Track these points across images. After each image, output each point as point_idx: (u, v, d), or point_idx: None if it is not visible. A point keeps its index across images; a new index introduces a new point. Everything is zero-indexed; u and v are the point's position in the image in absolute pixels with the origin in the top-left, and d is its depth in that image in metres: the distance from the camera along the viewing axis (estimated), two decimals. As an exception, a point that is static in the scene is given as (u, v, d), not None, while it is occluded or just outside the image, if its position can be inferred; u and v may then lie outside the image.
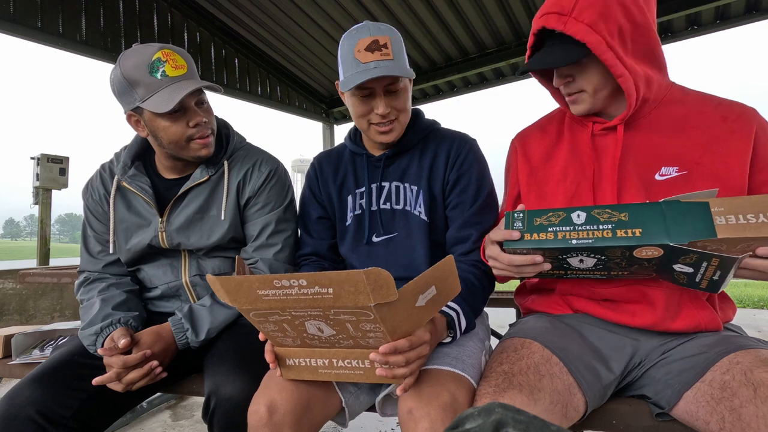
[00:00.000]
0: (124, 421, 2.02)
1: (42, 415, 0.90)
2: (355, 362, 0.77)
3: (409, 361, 0.73)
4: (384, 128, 1.02)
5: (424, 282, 0.69)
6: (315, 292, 0.64)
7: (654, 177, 0.86)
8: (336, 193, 1.15)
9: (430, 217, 1.07)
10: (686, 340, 0.86)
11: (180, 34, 4.23)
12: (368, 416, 1.06)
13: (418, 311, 0.72)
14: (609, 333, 0.92)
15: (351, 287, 0.62)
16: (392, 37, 0.98)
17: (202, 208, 1.13)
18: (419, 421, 0.73)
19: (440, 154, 1.09)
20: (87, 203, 1.21)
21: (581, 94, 0.89)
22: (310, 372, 0.81)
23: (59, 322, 1.78)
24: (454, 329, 0.88)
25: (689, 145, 0.85)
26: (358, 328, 0.69)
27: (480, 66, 4.51)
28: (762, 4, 3.44)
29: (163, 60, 1.00)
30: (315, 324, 0.71)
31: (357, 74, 0.95)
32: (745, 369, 0.72)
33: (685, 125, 0.87)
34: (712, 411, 0.72)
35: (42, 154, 4.19)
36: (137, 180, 1.14)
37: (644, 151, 0.88)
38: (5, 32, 3.16)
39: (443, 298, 0.75)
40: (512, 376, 0.77)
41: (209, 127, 1.10)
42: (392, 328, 0.69)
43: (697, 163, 0.84)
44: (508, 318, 1.89)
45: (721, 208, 0.67)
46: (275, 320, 0.73)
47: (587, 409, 0.81)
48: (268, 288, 0.66)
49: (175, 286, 1.18)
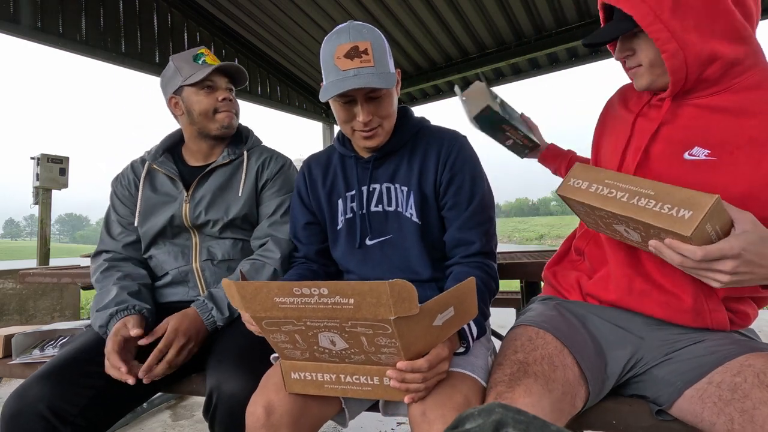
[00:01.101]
0: (124, 421, 2.02)
1: (52, 412, 0.90)
2: (364, 378, 0.76)
3: (427, 379, 0.73)
4: (367, 134, 1.00)
5: (445, 301, 0.68)
6: (335, 302, 0.63)
7: (683, 156, 0.82)
8: (326, 197, 1.13)
9: (422, 219, 1.05)
10: (695, 342, 0.85)
11: (180, 34, 4.23)
12: (368, 416, 1.06)
13: (434, 331, 0.71)
14: (614, 327, 0.91)
15: (373, 299, 0.61)
16: (373, 41, 0.95)
17: (222, 185, 1.29)
18: (434, 423, 0.73)
19: (430, 154, 1.06)
20: (115, 189, 1.36)
21: (639, 68, 0.87)
22: (316, 387, 0.79)
23: (59, 322, 1.78)
24: (467, 340, 0.86)
25: (736, 133, 0.78)
26: (373, 343, 0.68)
27: (480, 66, 4.51)
28: (762, 4, 3.44)
29: (204, 54, 1.29)
30: (329, 336, 0.70)
31: (336, 82, 0.93)
32: (758, 371, 0.71)
33: (744, 112, 0.79)
34: (719, 412, 0.71)
35: (42, 154, 4.18)
36: (165, 164, 1.31)
37: (684, 128, 0.84)
38: (5, 32, 3.16)
39: (459, 320, 0.74)
40: (527, 365, 0.78)
41: (234, 107, 1.32)
42: (407, 345, 0.68)
43: (731, 153, 0.78)
44: (508, 318, 1.89)
45: (651, 191, 0.71)
46: (287, 330, 0.71)
47: (587, 401, 0.82)
48: (287, 295, 0.65)
49: (184, 271, 1.25)
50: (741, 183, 0.77)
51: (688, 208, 0.66)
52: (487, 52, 4.42)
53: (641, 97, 0.94)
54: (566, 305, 0.98)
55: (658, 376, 0.84)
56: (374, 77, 0.92)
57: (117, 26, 3.76)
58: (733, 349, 0.79)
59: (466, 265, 1.00)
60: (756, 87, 0.79)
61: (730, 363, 0.76)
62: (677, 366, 0.82)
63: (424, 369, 0.71)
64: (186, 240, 1.28)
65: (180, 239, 1.28)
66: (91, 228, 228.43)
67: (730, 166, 0.78)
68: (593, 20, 3.77)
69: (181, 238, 1.28)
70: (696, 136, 0.82)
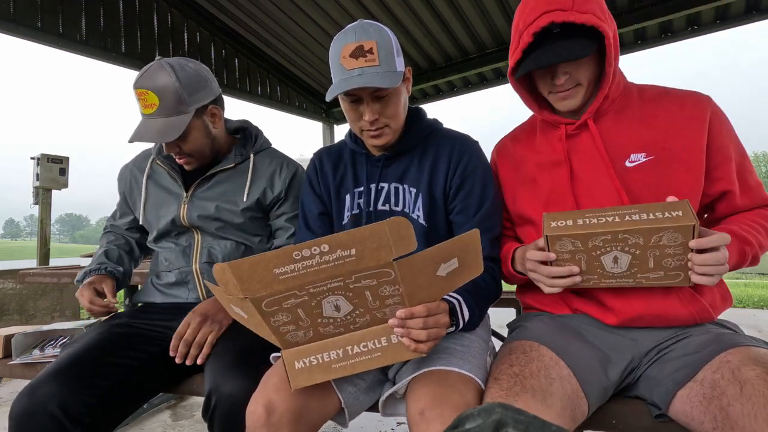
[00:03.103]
0: (125, 421, 2.02)
1: (62, 410, 0.90)
2: (372, 343, 0.75)
3: (427, 326, 0.73)
4: (374, 133, 1.01)
5: (448, 251, 0.68)
6: (337, 257, 0.63)
7: (624, 164, 0.93)
8: (335, 190, 1.14)
9: (429, 222, 1.05)
10: (682, 338, 0.87)
11: (180, 34, 4.23)
12: (368, 416, 1.06)
13: (438, 281, 0.71)
14: (609, 334, 0.92)
15: (374, 243, 0.63)
16: (379, 39, 0.94)
17: (225, 188, 1.27)
18: (431, 423, 0.73)
19: (442, 157, 1.06)
20: (122, 179, 1.38)
21: (577, 88, 0.93)
22: (323, 371, 0.77)
23: (59, 322, 1.78)
24: (456, 318, 0.86)
25: (654, 133, 0.92)
26: (377, 295, 0.69)
27: (480, 66, 4.51)
28: (762, 4, 3.44)
29: (137, 98, 1.13)
30: (333, 301, 0.70)
31: (341, 81, 0.94)
32: (733, 367, 0.72)
33: (646, 115, 0.94)
34: (705, 410, 0.72)
35: (42, 154, 4.18)
36: (169, 160, 1.30)
37: (612, 142, 0.94)
38: (5, 32, 3.16)
39: (464, 274, 0.74)
40: (524, 379, 0.77)
41: (185, 153, 1.20)
42: (411, 292, 0.69)
43: (663, 149, 0.91)
44: (508, 318, 1.89)
45: (633, 209, 0.79)
46: (290, 306, 0.69)
47: (588, 412, 0.81)
48: (287, 263, 0.63)
49: (185, 272, 1.25)
50: (681, 169, 0.89)
51: (672, 210, 0.76)
52: (487, 52, 4.42)
53: (547, 133, 1.03)
54: (561, 319, 0.98)
55: (650, 375, 0.85)
56: (377, 76, 0.92)
57: (117, 26, 3.76)
58: (714, 346, 0.79)
59: None
60: (637, 96, 0.97)
61: (711, 360, 0.76)
62: (667, 365, 0.83)
63: (423, 314, 0.72)
64: (188, 239, 1.28)
65: (183, 238, 1.28)
66: (91, 228, 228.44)
67: (668, 159, 0.90)
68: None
69: (184, 237, 1.28)
70: (626, 145, 0.93)
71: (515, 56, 0.93)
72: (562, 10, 0.85)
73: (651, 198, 0.89)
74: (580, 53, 0.87)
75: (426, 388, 0.78)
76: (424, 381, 0.81)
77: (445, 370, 0.82)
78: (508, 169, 1.09)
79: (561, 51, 0.88)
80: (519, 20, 0.92)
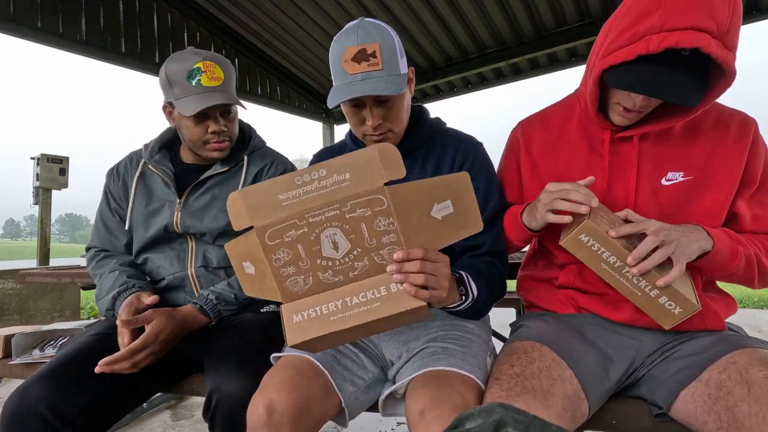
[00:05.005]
0: (124, 421, 2.02)
1: (52, 412, 0.90)
2: (371, 293, 0.73)
3: (425, 269, 0.70)
4: (377, 138, 0.98)
5: (438, 187, 0.70)
6: (333, 182, 0.69)
7: (660, 182, 0.90)
8: None
9: None
10: (686, 339, 0.86)
11: (180, 34, 4.23)
12: (368, 416, 1.06)
13: (434, 223, 0.71)
14: (612, 333, 0.92)
15: (366, 168, 0.68)
16: (382, 42, 0.91)
17: (218, 194, 1.22)
18: (431, 423, 0.72)
19: (445, 157, 1.04)
20: (108, 185, 1.30)
21: (644, 111, 0.87)
22: (320, 323, 0.73)
23: (59, 322, 1.78)
24: (465, 288, 0.83)
25: (695, 152, 0.89)
26: (373, 230, 0.70)
27: (480, 66, 4.51)
28: (762, 4, 3.44)
29: (202, 70, 1.12)
30: (331, 236, 0.70)
31: (343, 87, 0.91)
32: (740, 368, 0.72)
33: (691, 133, 0.91)
34: (709, 410, 0.72)
35: (42, 154, 4.18)
36: (162, 164, 1.25)
37: (653, 157, 0.91)
38: (5, 32, 3.16)
39: (461, 221, 0.72)
40: (525, 380, 0.77)
41: (227, 136, 1.20)
42: (406, 233, 0.70)
43: (701, 169, 0.88)
44: (508, 318, 1.89)
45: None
46: (290, 240, 0.70)
47: (589, 413, 0.81)
48: (290, 189, 0.70)
49: (180, 277, 1.22)
50: (715, 192, 0.87)
51: None
52: (487, 52, 4.42)
53: (592, 134, 0.97)
54: (564, 318, 0.98)
55: (653, 375, 0.85)
56: (382, 82, 0.90)
57: (117, 26, 3.76)
58: (720, 346, 0.79)
59: (475, 257, 0.98)
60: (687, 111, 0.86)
61: (717, 361, 0.76)
62: (670, 365, 0.83)
63: (419, 255, 0.70)
64: (182, 244, 1.24)
65: (176, 244, 1.24)
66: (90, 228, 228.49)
67: (705, 181, 0.88)
68: (593, 20, 3.76)
69: (178, 242, 1.24)
70: (666, 163, 0.91)
71: (625, 55, 0.76)
72: (711, 34, 0.71)
73: (682, 217, 0.87)
74: (693, 101, 0.77)
75: (426, 389, 0.78)
76: (423, 381, 0.81)
77: (444, 371, 0.82)
78: (536, 153, 1.03)
79: (677, 91, 0.76)
80: (655, 10, 0.73)
